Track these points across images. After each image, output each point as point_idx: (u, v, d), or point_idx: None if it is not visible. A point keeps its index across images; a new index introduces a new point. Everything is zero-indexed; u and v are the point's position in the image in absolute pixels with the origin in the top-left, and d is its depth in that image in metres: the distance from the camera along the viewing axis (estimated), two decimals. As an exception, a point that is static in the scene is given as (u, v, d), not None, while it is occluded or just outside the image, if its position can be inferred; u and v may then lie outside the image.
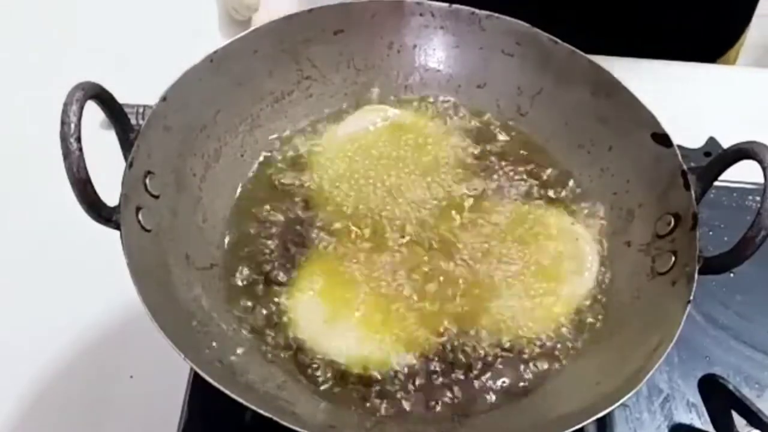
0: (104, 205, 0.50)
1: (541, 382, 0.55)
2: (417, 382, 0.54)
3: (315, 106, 0.67)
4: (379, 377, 0.54)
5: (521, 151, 0.66)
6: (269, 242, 0.60)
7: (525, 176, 0.64)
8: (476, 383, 0.54)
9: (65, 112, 0.48)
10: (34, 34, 0.91)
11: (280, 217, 0.61)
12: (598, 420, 0.51)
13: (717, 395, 0.61)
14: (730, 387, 0.59)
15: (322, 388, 0.53)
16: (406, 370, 0.54)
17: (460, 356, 0.55)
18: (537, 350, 0.56)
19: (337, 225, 0.61)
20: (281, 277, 0.58)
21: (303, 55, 0.66)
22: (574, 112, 0.65)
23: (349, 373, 0.54)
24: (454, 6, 0.67)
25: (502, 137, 0.67)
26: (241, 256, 0.59)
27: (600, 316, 0.58)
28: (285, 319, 0.56)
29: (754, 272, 0.65)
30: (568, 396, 0.53)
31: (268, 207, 0.61)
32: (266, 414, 0.45)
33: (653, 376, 0.49)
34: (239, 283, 0.58)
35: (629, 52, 0.85)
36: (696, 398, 0.63)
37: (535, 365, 0.55)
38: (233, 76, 0.62)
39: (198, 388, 0.61)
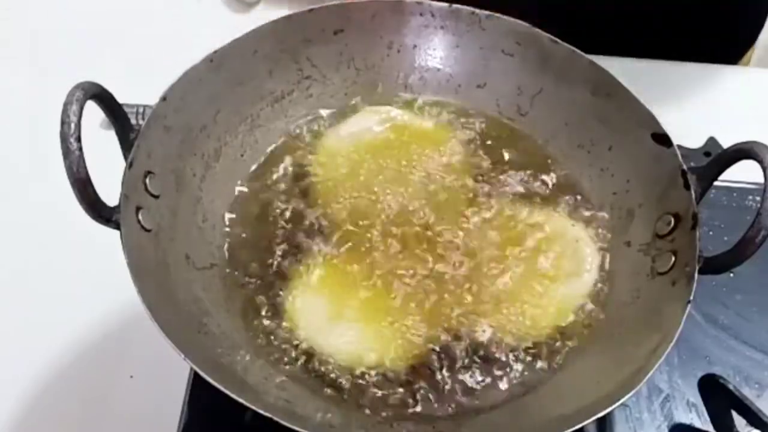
0: (104, 205, 0.50)
1: (540, 382, 0.55)
2: (417, 383, 0.54)
3: (315, 106, 0.67)
4: (379, 377, 0.54)
5: (521, 152, 0.66)
6: (269, 242, 0.60)
7: (524, 177, 0.64)
8: (475, 384, 0.54)
9: (65, 112, 0.48)
10: (35, 33, 0.91)
11: (281, 217, 0.61)
12: (598, 420, 0.51)
13: (717, 395, 0.61)
14: (730, 387, 0.60)
15: (322, 387, 0.53)
16: (406, 370, 0.54)
17: (460, 357, 0.55)
18: (537, 350, 0.56)
19: (338, 225, 0.61)
20: (282, 276, 0.58)
21: (303, 55, 0.66)
22: (574, 112, 0.65)
23: (350, 373, 0.54)
24: (454, 6, 0.67)
25: (502, 137, 0.67)
26: (241, 255, 0.59)
27: (600, 317, 0.58)
28: (285, 318, 0.56)
29: (754, 272, 0.65)
30: (568, 396, 0.53)
31: (268, 207, 0.61)
32: (266, 414, 0.45)
33: (653, 376, 0.49)
34: (239, 282, 0.58)
35: (629, 52, 0.85)
36: (696, 398, 0.63)
37: (534, 365, 0.55)
38: (233, 76, 0.62)
39: (198, 388, 0.61)
